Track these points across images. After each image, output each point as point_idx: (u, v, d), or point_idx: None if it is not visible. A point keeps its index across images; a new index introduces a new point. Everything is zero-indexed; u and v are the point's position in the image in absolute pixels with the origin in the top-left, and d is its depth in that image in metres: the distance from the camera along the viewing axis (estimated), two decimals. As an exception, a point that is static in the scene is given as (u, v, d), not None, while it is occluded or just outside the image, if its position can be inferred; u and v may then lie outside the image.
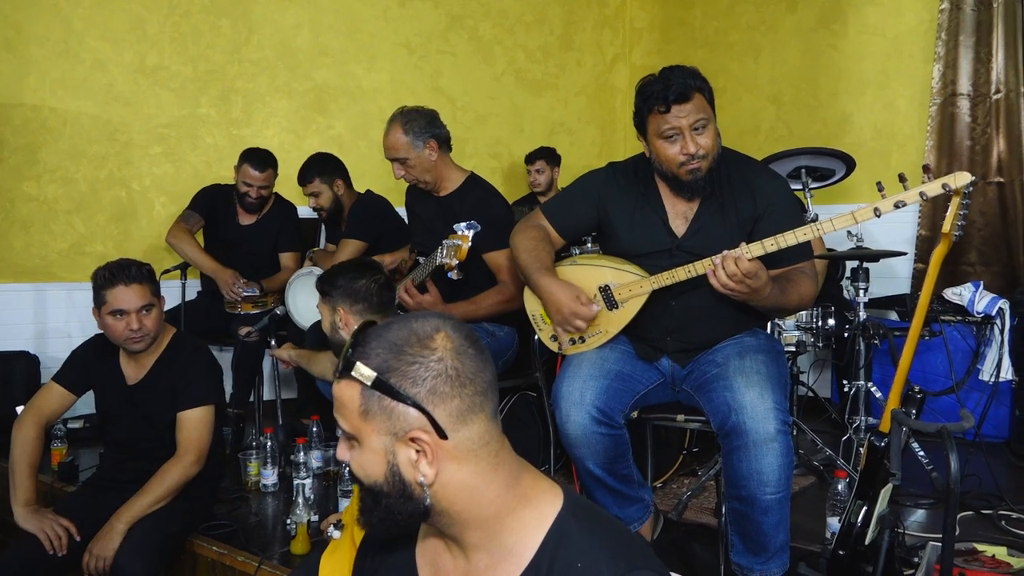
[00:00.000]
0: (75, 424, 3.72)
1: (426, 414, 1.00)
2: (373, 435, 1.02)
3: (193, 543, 2.60)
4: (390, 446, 1.02)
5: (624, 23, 5.67)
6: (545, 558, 1.04)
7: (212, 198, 3.99)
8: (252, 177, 3.81)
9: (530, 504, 1.07)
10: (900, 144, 4.27)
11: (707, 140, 2.10)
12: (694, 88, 2.07)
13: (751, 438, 1.98)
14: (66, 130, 4.02)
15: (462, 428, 1.02)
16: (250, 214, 3.96)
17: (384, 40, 4.78)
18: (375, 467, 1.04)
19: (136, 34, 4.12)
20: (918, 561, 2.18)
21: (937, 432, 1.68)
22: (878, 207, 1.97)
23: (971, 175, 1.94)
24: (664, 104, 2.06)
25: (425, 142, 2.88)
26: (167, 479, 2.42)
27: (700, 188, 2.16)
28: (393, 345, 1.01)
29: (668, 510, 2.73)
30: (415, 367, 1.00)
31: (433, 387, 1.00)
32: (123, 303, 2.39)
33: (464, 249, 2.49)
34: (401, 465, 1.02)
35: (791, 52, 4.74)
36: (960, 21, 3.92)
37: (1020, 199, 3.80)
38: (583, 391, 2.13)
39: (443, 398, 1.00)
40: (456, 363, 1.02)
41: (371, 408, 1.01)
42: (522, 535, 1.06)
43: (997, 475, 2.89)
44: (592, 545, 1.03)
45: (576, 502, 1.10)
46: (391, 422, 1.01)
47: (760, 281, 1.97)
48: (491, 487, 1.05)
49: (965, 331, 3.46)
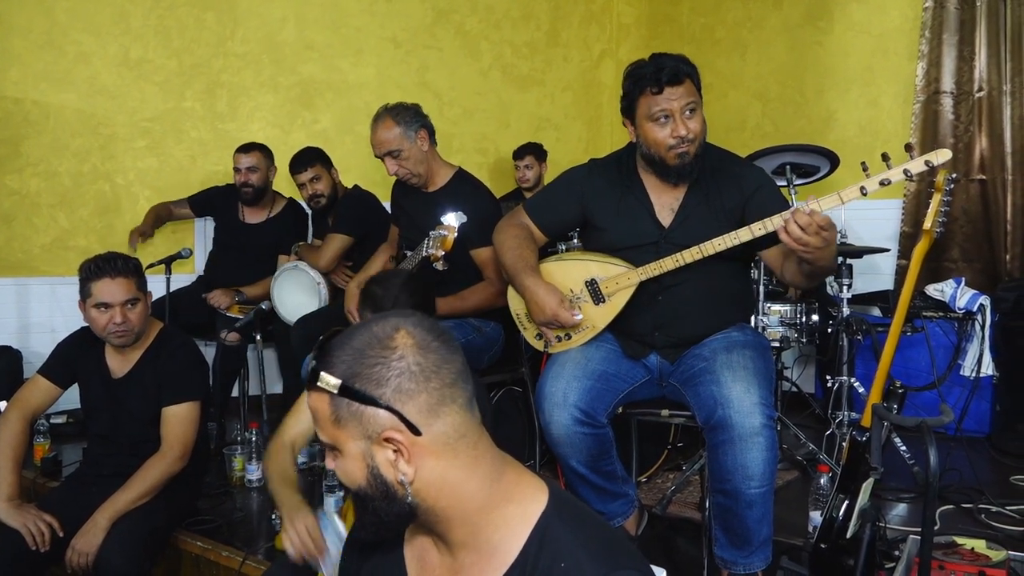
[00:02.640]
0: (58, 419, 3.70)
1: (395, 413, 1.00)
2: (349, 441, 1.03)
3: (177, 538, 2.60)
4: (367, 449, 1.03)
5: (611, 19, 5.67)
6: (529, 557, 1.04)
7: (215, 193, 4.02)
8: (239, 160, 3.82)
9: (514, 501, 1.08)
10: (884, 141, 4.30)
11: (696, 124, 2.12)
12: (685, 72, 2.10)
13: (737, 432, 1.99)
14: (49, 123, 3.98)
15: (435, 422, 1.02)
16: (256, 212, 3.94)
17: (370, 34, 4.76)
18: (357, 472, 1.05)
19: (120, 27, 4.09)
20: (899, 554, 2.20)
21: (917, 427, 1.70)
22: (864, 185, 1.99)
23: (950, 152, 1.97)
24: (657, 85, 2.07)
25: (416, 132, 2.88)
26: (150, 475, 2.41)
27: (687, 173, 2.17)
28: (354, 350, 1.02)
29: (653, 505, 2.74)
30: (377, 368, 1.01)
31: (398, 385, 1.00)
32: (108, 296, 2.38)
33: (450, 239, 2.48)
34: (381, 467, 1.03)
35: (777, 49, 4.75)
36: (944, 19, 3.95)
37: (1002, 196, 3.84)
38: (566, 391, 2.14)
39: (410, 395, 1.01)
40: (418, 358, 1.02)
41: (342, 415, 1.02)
42: (507, 532, 1.06)
43: (978, 469, 2.93)
44: (576, 545, 1.04)
45: (561, 500, 1.10)
46: (363, 426, 1.02)
47: (835, 232, 1.92)
48: (472, 480, 1.05)
49: (947, 327, 3.49)
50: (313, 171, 3.78)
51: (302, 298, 3.62)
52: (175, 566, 2.64)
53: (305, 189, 3.82)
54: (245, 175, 3.82)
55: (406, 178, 2.94)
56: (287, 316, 3.59)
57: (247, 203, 3.92)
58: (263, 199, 3.92)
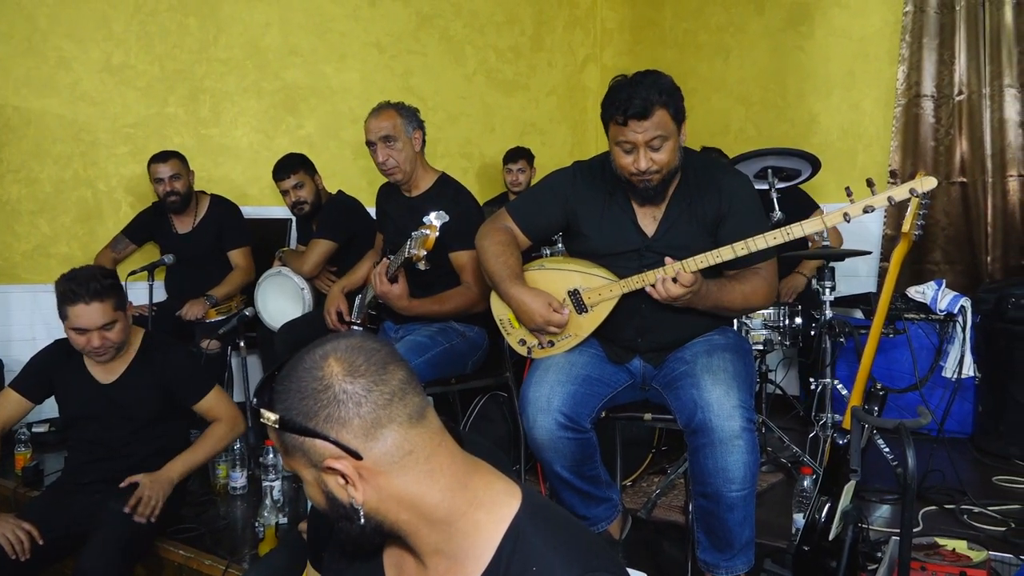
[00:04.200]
0: (40, 428, 3.67)
1: (332, 442, 1.01)
2: (302, 469, 1.06)
3: (160, 546, 2.58)
4: (318, 476, 1.05)
5: (595, 24, 5.69)
6: (501, 562, 1.04)
7: (144, 218, 3.99)
8: (158, 171, 3.77)
9: (483, 507, 1.07)
10: (866, 144, 4.33)
11: (663, 156, 2.09)
12: (657, 104, 2.04)
13: (716, 435, 2.00)
14: (30, 129, 3.96)
15: (374, 444, 1.02)
16: (184, 219, 3.92)
17: (354, 39, 4.76)
18: (317, 496, 1.08)
19: (102, 32, 4.07)
20: (881, 555, 2.21)
21: (896, 428, 1.71)
22: (847, 212, 2.00)
23: (936, 180, 1.99)
24: (622, 117, 2.06)
25: (414, 130, 2.92)
26: (219, 435, 2.60)
27: (650, 197, 2.17)
28: (288, 385, 1.04)
29: (637, 508, 2.75)
30: (307, 401, 1.02)
31: (328, 415, 1.01)
32: (84, 322, 2.37)
33: (431, 239, 2.46)
34: (334, 491, 1.05)
35: (759, 53, 4.78)
36: (924, 24, 3.99)
37: (982, 199, 3.87)
38: (550, 397, 2.14)
39: (341, 422, 1.01)
40: (345, 385, 1.02)
41: (288, 447, 1.05)
42: (477, 538, 1.06)
43: (960, 470, 2.95)
44: (547, 548, 1.04)
45: (534, 503, 1.10)
46: (307, 456, 1.04)
47: (696, 286, 2.06)
48: (432, 492, 1.05)
49: (928, 328, 3.51)
50: (296, 178, 3.77)
51: (286, 304, 3.61)
52: (157, 574, 2.62)
53: (288, 196, 3.81)
54: (169, 184, 3.78)
55: (392, 171, 2.91)
56: (271, 322, 3.58)
57: (176, 211, 3.88)
58: (189, 206, 3.90)
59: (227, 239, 3.94)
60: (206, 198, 4.00)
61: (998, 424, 3.39)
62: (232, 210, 4.03)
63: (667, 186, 2.17)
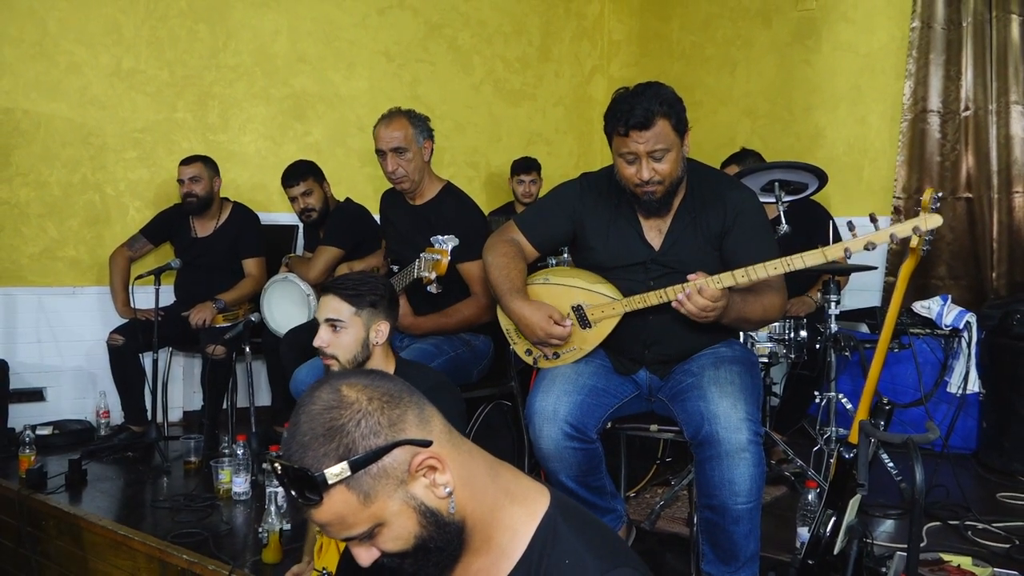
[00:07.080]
0: (44, 431, 3.66)
1: (404, 442, 1.01)
2: (387, 502, 1.01)
3: (164, 552, 2.58)
4: (406, 494, 1.02)
5: (602, 35, 5.71)
6: (534, 555, 1.07)
7: (165, 217, 4.05)
8: (182, 172, 3.87)
9: (517, 500, 1.11)
10: (872, 159, 4.34)
11: (665, 167, 2.10)
12: (658, 115, 2.05)
13: (723, 448, 2.00)
14: (39, 133, 3.97)
15: (431, 427, 1.05)
16: (205, 223, 3.97)
17: (363, 48, 4.78)
18: (408, 526, 1.03)
19: (112, 37, 4.09)
20: (885, 571, 2.21)
21: (903, 443, 1.71)
22: (848, 247, 2.01)
23: (941, 219, 2.00)
24: (624, 127, 2.07)
25: (424, 140, 2.92)
26: None
27: (654, 209, 2.18)
28: (324, 434, 0.99)
29: (641, 520, 2.74)
30: (360, 426, 1.00)
31: (387, 421, 1.01)
32: None
33: (443, 264, 2.48)
34: (425, 499, 1.03)
35: (766, 67, 4.80)
36: (931, 39, 3.99)
37: (988, 214, 3.88)
38: (556, 406, 2.14)
39: (400, 419, 1.02)
40: (374, 393, 1.03)
41: (368, 487, 1.00)
42: (512, 534, 1.09)
43: (964, 486, 2.94)
44: (580, 543, 1.07)
45: (563, 501, 1.14)
46: (392, 476, 1.01)
47: (723, 302, 2.03)
48: (478, 474, 1.09)
49: (933, 344, 3.51)
50: (305, 185, 3.78)
51: (291, 310, 3.62)
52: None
53: (297, 203, 3.82)
54: (188, 186, 3.87)
55: (400, 180, 2.92)
56: (276, 328, 3.58)
57: (193, 212, 3.94)
58: (209, 209, 3.96)
59: (243, 247, 3.97)
60: (229, 205, 4.05)
61: (1002, 440, 3.39)
62: (252, 219, 4.08)
63: (671, 198, 2.18)
